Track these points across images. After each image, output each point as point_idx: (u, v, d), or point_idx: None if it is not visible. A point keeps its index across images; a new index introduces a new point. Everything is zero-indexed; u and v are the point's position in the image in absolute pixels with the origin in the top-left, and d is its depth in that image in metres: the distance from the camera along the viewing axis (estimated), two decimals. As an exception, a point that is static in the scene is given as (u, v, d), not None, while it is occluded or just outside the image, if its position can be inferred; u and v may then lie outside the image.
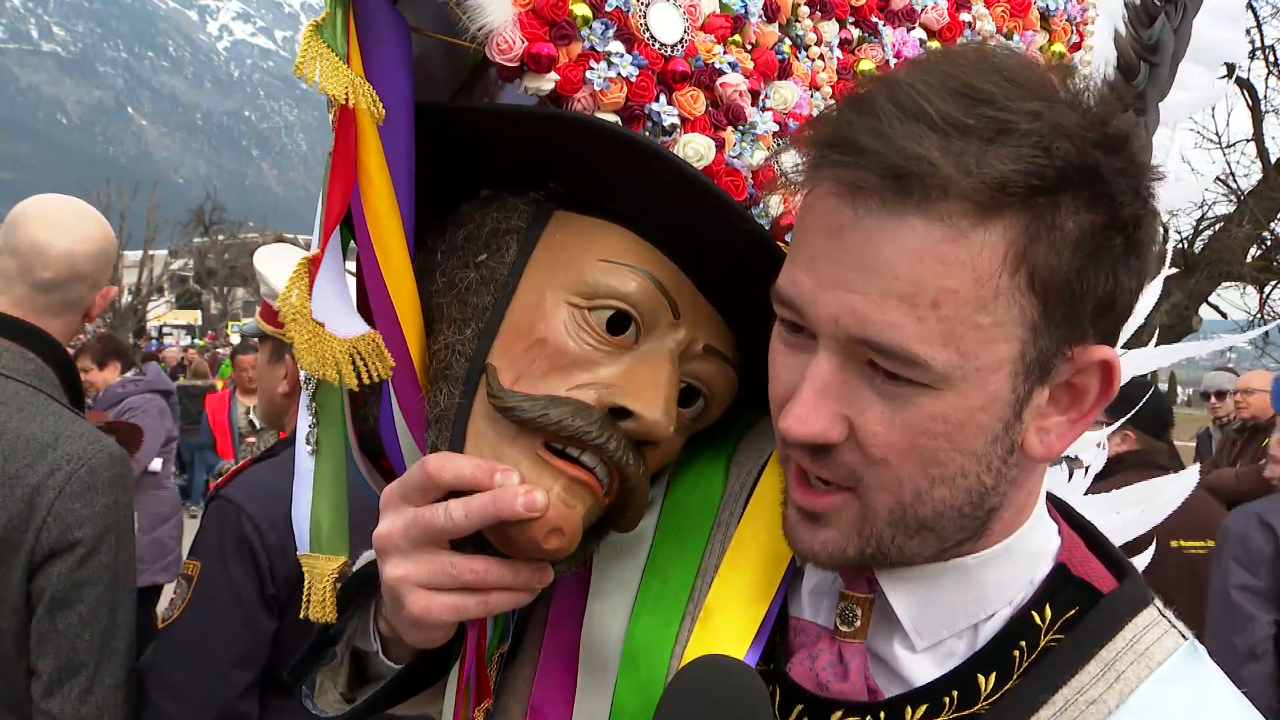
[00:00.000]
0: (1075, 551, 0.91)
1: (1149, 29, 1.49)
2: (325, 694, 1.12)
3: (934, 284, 0.74)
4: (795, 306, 0.80)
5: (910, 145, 0.72)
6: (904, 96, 0.74)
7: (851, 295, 0.76)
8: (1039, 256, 0.74)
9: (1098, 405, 0.82)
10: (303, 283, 0.96)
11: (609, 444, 0.92)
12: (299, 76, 0.92)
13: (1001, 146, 0.72)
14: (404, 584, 0.91)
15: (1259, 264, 9.79)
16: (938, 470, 0.79)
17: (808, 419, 0.79)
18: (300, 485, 1.09)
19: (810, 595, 0.94)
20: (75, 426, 2.09)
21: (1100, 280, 0.76)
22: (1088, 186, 0.74)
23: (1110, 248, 0.76)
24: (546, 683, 1.02)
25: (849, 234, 0.76)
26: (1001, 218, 0.73)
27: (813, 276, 0.78)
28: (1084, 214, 0.75)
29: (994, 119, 0.72)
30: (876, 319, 0.75)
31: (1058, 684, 0.82)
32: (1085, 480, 1.59)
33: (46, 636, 1.98)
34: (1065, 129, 0.73)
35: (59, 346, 2.20)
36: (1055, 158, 0.72)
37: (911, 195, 0.73)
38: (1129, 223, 0.76)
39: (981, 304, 0.74)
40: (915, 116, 0.73)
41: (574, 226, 0.99)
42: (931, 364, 0.75)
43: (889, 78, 0.77)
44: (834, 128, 0.77)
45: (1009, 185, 0.72)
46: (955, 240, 0.73)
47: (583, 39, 0.96)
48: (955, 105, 0.73)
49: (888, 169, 0.73)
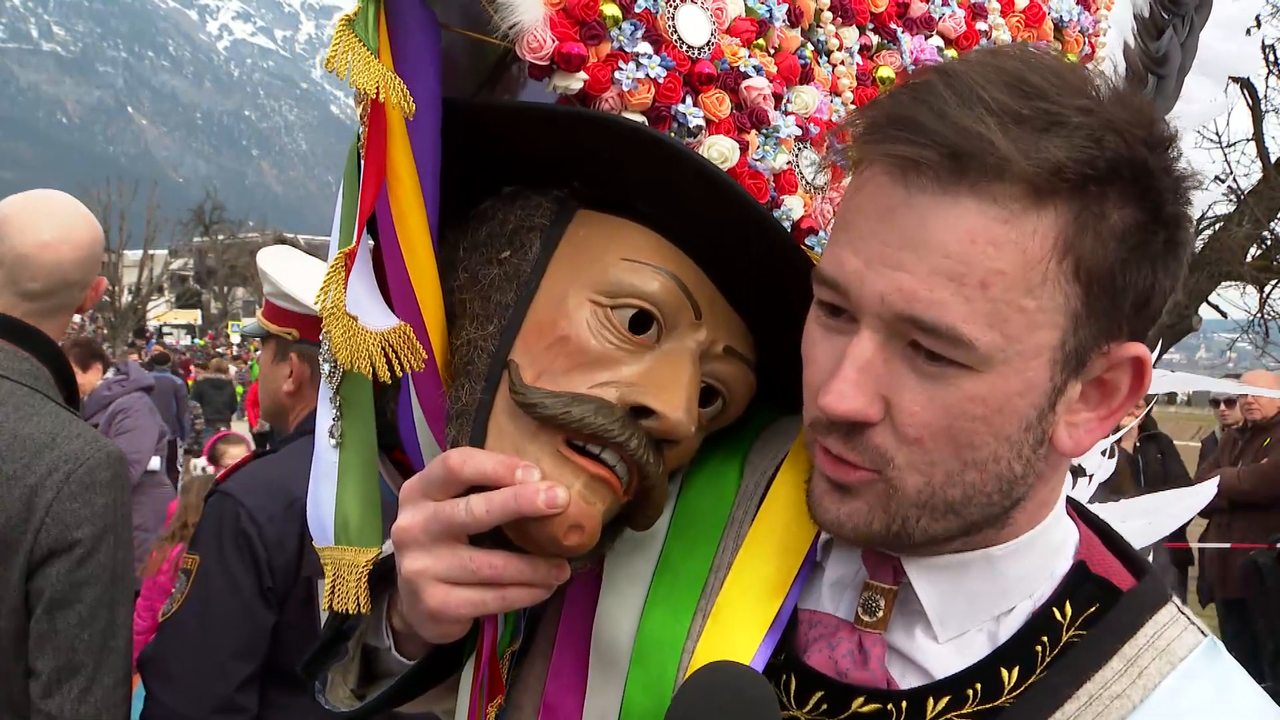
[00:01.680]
0: (1093, 549, 0.92)
1: (1157, 41, 1.51)
2: (336, 690, 1.12)
3: (984, 265, 0.75)
4: (840, 286, 0.81)
5: (972, 124, 0.73)
6: (960, 84, 0.75)
7: (900, 274, 0.77)
8: (1086, 246, 0.75)
9: (1126, 403, 0.83)
10: (339, 278, 0.96)
11: (630, 442, 0.92)
12: (329, 70, 0.93)
13: (1055, 136, 0.74)
14: (422, 578, 0.91)
15: (1259, 263, 9.81)
16: (971, 454, 0.80)
17: (847, 395, 0.79)
18: (321, 478, 1.08)
19: (830, 588, 0.94)
20: (72, 426, 2.08)
21: (1141, 276, 0.78)
22: (1135, 182, 0.76)
23: (1152, 244, 0.77)
24: (559, 679, 1.02)
25: (900, 212, 0.77)
26: (1053, 203, 0.75)
27: (860, 256, 0.79)
28: (1130, 208, 0.76)
29: (1047, 110, 0.74)
30: (924, 297, 0.76)
31: (1082, 679, 0.83)
32: (1090, 488, 1.59)
33: (45, 637, 1.96)
34: (1115, 124, 0.75)
35: (54, 346, 2.18)
36: (1106, 149, 0.74)
37: (967, 174, 0.74)
38: (1170, 221, 0.78)
39: (1029, 288, 0.75)
40: (974, 101, 0.74)
41: (597, 225, 1.00)
42: (976, 344, 0.76)
43: (942, 68, 0.79)
44: (890, 108, 0.78)
45: (1064, 171, 0.73)
46: (1008, 222, 0.74)
47: (612, 39, 0.97)
48: (1010, 95, 0.74)
49: (947, 146, 0.74)
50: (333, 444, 1.06)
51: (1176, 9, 1.53)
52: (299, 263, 2.62)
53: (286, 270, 2.53)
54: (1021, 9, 1.28)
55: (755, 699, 0.84)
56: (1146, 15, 1.52)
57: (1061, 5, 1.33)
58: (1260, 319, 10.30)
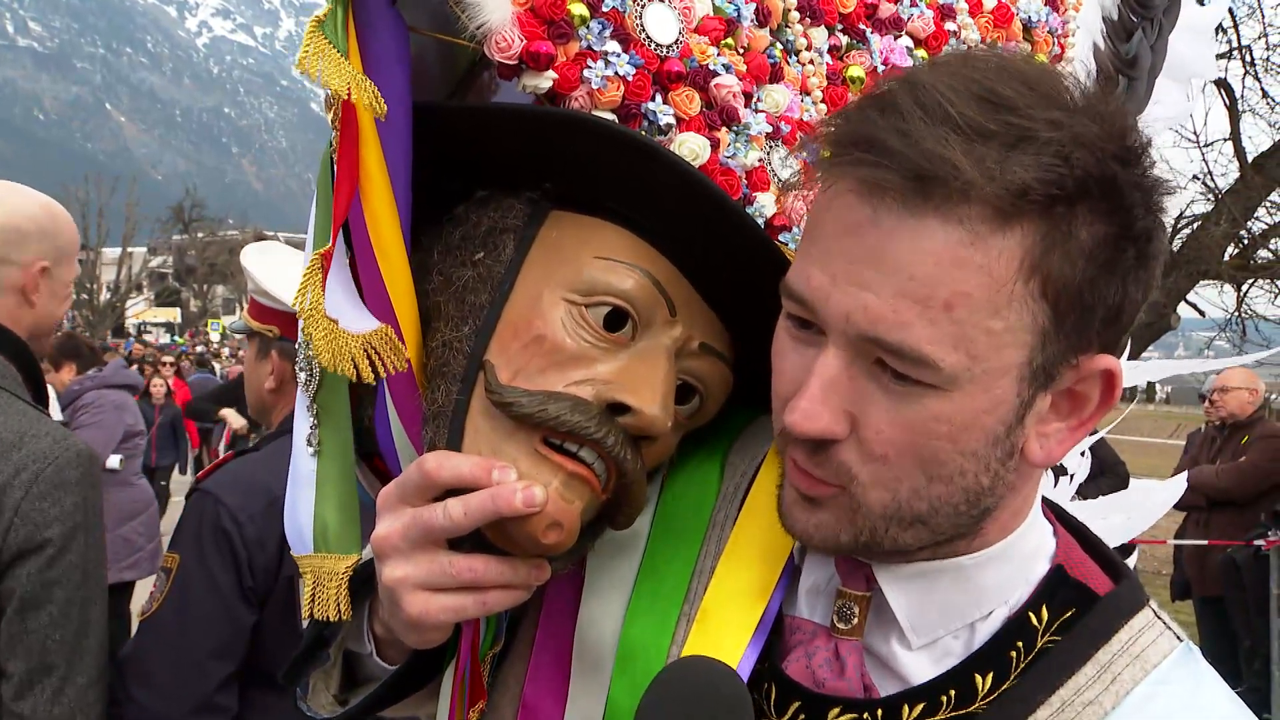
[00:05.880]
0: (1072, 554, 0.92)
1: (1127, 44, 1.53)
2: (318, 695, 1.11)
3: (948, 286, 0.74)
4: (806, 302, 0.80)
5: (935, 147, 0.72)
6: (927, 98, 0.74)
7: (865, 293, 0.76)
8: (1053, 265, 0.75)
9: (1098, 413, 0.83)
10: (316, 279, 0.96)
11: (607, 439, 0.93)
12: (301, 72, 0.93)
13: (1023, 154, 0.73)
14: (403, 585, 0.91)
15: (1236, 262, 9.84)
16: (937, 469, 0.80)
17: (813, 415, 0.79)
18: (299, 487, 1.08)
19: (807, 594, 0.94)
20: (40, 425, 2.04)
21: (1111, 291, 0.77)
22: (1104, 198, 0.75)
23: (1122, 259, 0.77)
24: (538, 681, 1.02)
25: (866, 232, 0.76)
26: (1019, 224, 0.74)
27: (826, 273, 0.79)
28: (1099, 225, 0.75)
29: (1015, 125, 0.73)
30: (889, 318, 0.75)
31: (1055, 685, 0.83)
32: (1070, 487, 1.61)
33: (17, 638, 1.94)
34: (1085, 139, 0.74)
35: (20, 343, 2.14)
36: (1075, 167, 0.73)
37: (932, 197, 0.73)
38: (1141, 235, 0.77)
39: (994, 309, 0.75)
40: (940, 119, 0.73)
41: (570, 225, 1.00)
42: (941, 365, 0.75)
43: (910, 78, 0.77)
44: (856, 125, 0.77)
45: (1030, 192, 0.73)
46: (973, 244, 0.74)
47: (580, 38, 0.97)
48: (978, 109, 0.73)
49: (911, 170, 0.73)
50: (310, 452, 1.06)
51: (1145, 11, 1.55)
52: (284, 256, 2.61)
53: (268, 267, 2.52)
54: (990, 10, 1.29)
55: (728, 695, 0.84)
56: (1115, 18, 1.53)
57: (1030, 6, 1.34)
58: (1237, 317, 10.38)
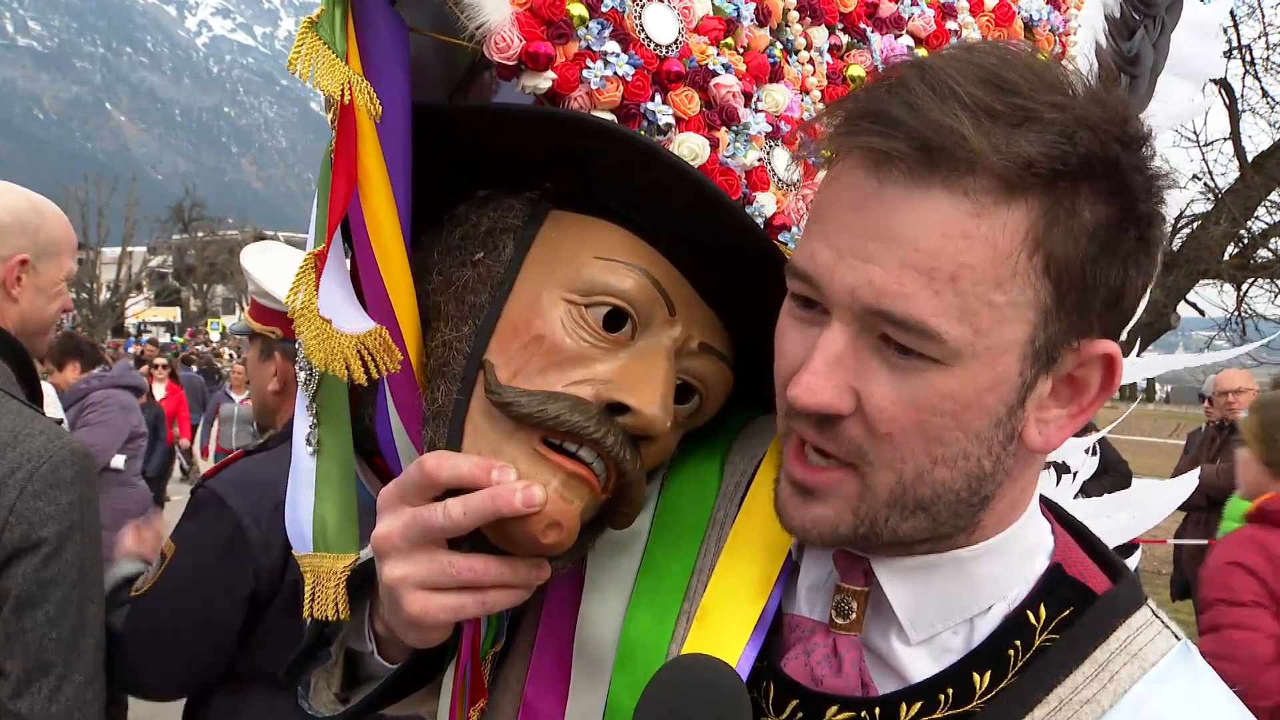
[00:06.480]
0: (1070, 552, 0.92)
1: (1129, 41, 1.52)
2: (320, 694, 1.11)
3: (953, 258, 0.75)
4: (811, 279, 0.81)
5: (943, 119, 0.73)
6: (934, 78, 0.75)
7: (870, 266, 0.77)
8: (1056, 241, 0.76)
9: (1097, 401, 0.83)
10: (309, 279, 0.96)
11: (606, 439, 0.93)
12: (292, 73, 0.93)
13: (1029, 130, 0.74)
14: (403, 585, 0.91)
15: (1236, 262, 9.86)
16: (940, 450, 0.80)
17: (817, 389, 0.79)
18: (299, 486, 1.08)
19: (807, 591, 0.94)
20: (34, 424, 2.04)
21: (1112, 273, 0.78)
22: (1107, 179, 0.76)
23: (1124, 241, 0.78)
24: (538, 679, 1.02)
25: (872, 204, 0.77)
26: (1024, 198, 0.75)
27: (831, 249, 0.79)
28: (1101, 205, 0.76)
29: (1021, 106, 0.74)
30: (894, 290, 0.76)
31: (1052, 684, 0.83)
32: (1073, 486, 1.60)
33: (13, 637, 1.93)
34: (1088, 121, 0.75)
35: (13, 341, 2.14)
36: (1079, 146, 0.74)
37: (939, 168, 0.74)
38: (1142, 219, 0.78)
39: (998, 282, 0.75)
40: (948, 96, 0.74)
41: (570, 225, 1.00)
42: (945, 338, 0.76)
43: (918, 62, 0.79)
44: (864, 102, 0.78)
45: (1034, 165, 0.74)
46: (978, 216, 0.75)
47: (579, 38, 0.97)
48: (984, 91, 0.74)
49: (918, 140, 0.74)
50: (310, 452, 1.06)
51: (1147, 9, 1.54)
52: (284, 255, 2.60)
53: (268, 267, 2.51)
54: (991, 8, 1.29)
55: (725, 690, 0.84)
56: (1118, 15, 1.53)
57: (1031, 4, 1.34)
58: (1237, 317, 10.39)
